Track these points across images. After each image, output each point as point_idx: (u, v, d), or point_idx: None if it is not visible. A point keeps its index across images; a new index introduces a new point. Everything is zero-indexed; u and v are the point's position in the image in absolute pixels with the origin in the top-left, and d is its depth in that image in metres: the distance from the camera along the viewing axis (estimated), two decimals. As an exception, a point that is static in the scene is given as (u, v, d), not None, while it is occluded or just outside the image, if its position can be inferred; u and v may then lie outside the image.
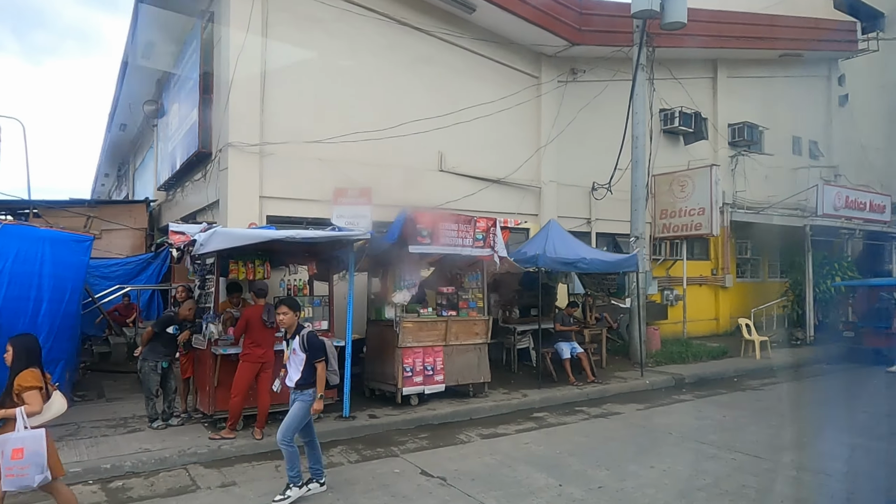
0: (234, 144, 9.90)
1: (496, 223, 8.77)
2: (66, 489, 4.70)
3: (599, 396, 9.85)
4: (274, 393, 7.37)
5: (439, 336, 8.86)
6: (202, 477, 6.03)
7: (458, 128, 12.03)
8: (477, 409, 8.62)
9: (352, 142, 10.74)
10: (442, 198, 11.89)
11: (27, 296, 7.75)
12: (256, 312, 6.92)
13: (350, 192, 8.09)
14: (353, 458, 6.68)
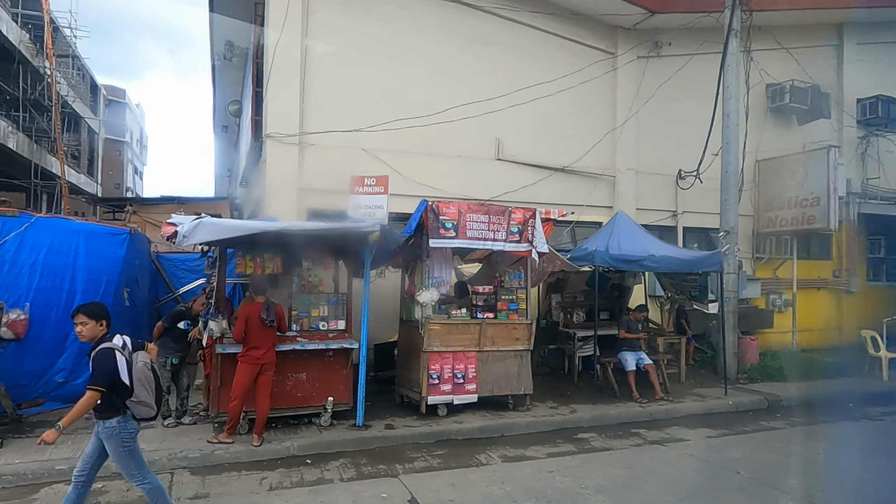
0: (273, 135, 9.62)
1: (535, 214, 7.69)
2: None
3: (665, 417, 8.41)
4: (275, 397, 6.98)
5: (472, 340, 7.95)
6: (180, 485, 5.64)
7: (518, 112, 10.99)
8: (511, 425, 7.62)
9: (398, 129, 10.11)
10: (498, 189, 10.96)
11: (60, 287, 7.88)
12: (255, 310, 6.45)
13: (367, 180, 7.42)
14: (348, 474, 6.00)
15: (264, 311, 6.42)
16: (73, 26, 32.57)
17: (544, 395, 9.10)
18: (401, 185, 10.16)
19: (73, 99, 32.13)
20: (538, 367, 10.96)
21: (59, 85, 29.00)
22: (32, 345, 7.61)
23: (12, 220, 7.50)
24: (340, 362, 7.38)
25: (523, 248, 7.60)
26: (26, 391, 7.63)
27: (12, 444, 6.36)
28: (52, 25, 28.21)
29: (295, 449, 6.54)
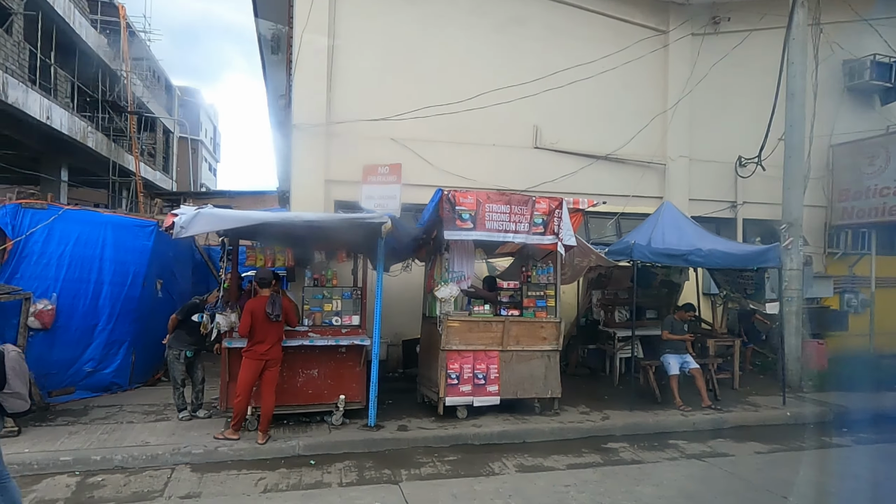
0: (299, 125, 9.44)
1: (562, 204, 7.09)
2: None
3: (711, 428, 7.62)
4: (286, 393, 6.77)
5: (494, 339, 7.46)
6: (177, 482, 5.49)
7: (557, 97, 10.35)
8: (534, 431, 7.09)
9: (428, 117, 9.71)
10: (535, 178, 10.38)
11: (87, 278, 8.01)
12: (260, 304, 6.23)
13: (380, 169, 7.06)
14: (349, 478, 5.68)
15: (269, 304, 6.20)
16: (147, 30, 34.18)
17: (578, 398, 8.50)
18: (431, 175, 9.80)
19: (147, 99, 33.74)
20: (577, 368, 10.35)
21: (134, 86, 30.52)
22: (61, 335, 7.77)
23: (41, 213, 7.64)
24: (353, 359, 7.09)
25: (548, 241, 7.03)
26: (56, 379, 7.81)
27: (30, 433, 6.44)
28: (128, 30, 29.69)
29: (300, 448, 6.30)
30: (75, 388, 8.00)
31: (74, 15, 23.52)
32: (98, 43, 26.64)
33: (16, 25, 19.97)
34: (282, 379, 6.83)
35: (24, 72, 19.85)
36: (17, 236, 7.35)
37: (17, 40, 19.71)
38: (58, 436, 6.38)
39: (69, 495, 5.18)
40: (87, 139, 24.33)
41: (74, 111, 23.84)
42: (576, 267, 8.96)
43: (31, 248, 7.56)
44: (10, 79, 17.90)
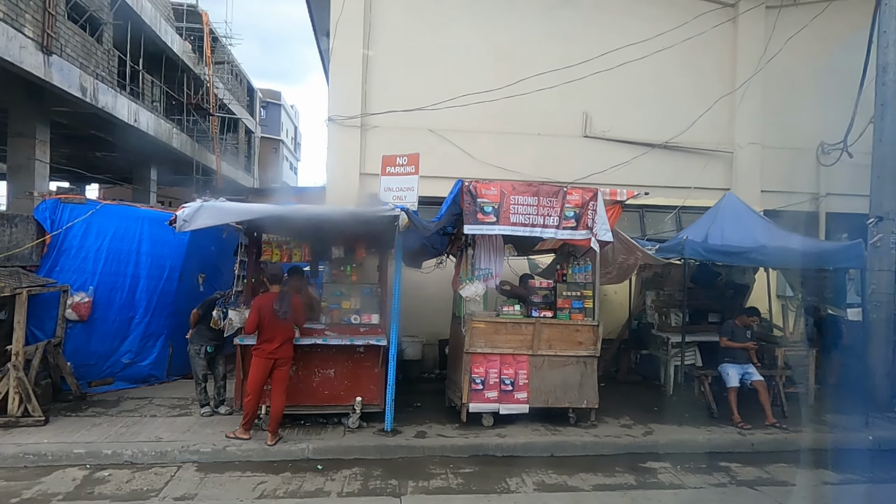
0: (333, 118, 9.24)
1: (597, 195, 6.41)
2: None
3: (772, 450, 6.69)
4: (301, 393, 6.55)
5: (524, 342, 6.90)
6: (178, 482, 5.36)
7: (609, 81, 9.58)
8: (564, 444, 6.47)
9: (467, 105, 9.25)
10: (584, 169, 9.68)
11: (124, 272, 8.15)
12: (268, 301, 6.00)
13: (398, 159, 6.67)
14: (351, 487, 5.34)
15: (277, 302, 5.97)
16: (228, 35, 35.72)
17: (623, 408, 7.78)
18: (471, 167, 9.35)
19: (229, 101, 35.28)
20: (628, 375, 9.55)
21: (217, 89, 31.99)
22: (98, 327, 7.95)
23: (79, 207, 7.84)
24: (372, 360, 6.76)
25: (580, 237, 6.38)
26: (94, 370, 8.01)
27: (57, 422, 6.56)
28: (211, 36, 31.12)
29: (310, 452, 6.04)
30: (114, 379, 8.17)
31: (160, 23, 24.80)
32: (183, 49, 28.03)
33: (105, 34, 21.28)
34: (297, 378, 6.62)
35: (114, 78, 21.15)
36: (57, 230, 7.55)
37: (106, 48, 20.98)
38: (80, 427, 6.46)
39: (71, 490, 5.15)
40: (171, 140, 25.67)
41: (161, 114, 25.24)
42: (622, 265, 8.21)
43: (71, 241, 7.77)
44: (101, 84, 19.08)
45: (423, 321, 9.47)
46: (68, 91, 16.73)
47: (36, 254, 7.46)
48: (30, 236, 7.21)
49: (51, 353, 7.26)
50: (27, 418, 6.39)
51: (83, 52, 18.61)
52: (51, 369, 7.36)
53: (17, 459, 5.65)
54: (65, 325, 7.59)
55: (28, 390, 6.43)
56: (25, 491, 5.07)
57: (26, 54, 14.50)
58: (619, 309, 9.89)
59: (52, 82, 15.85)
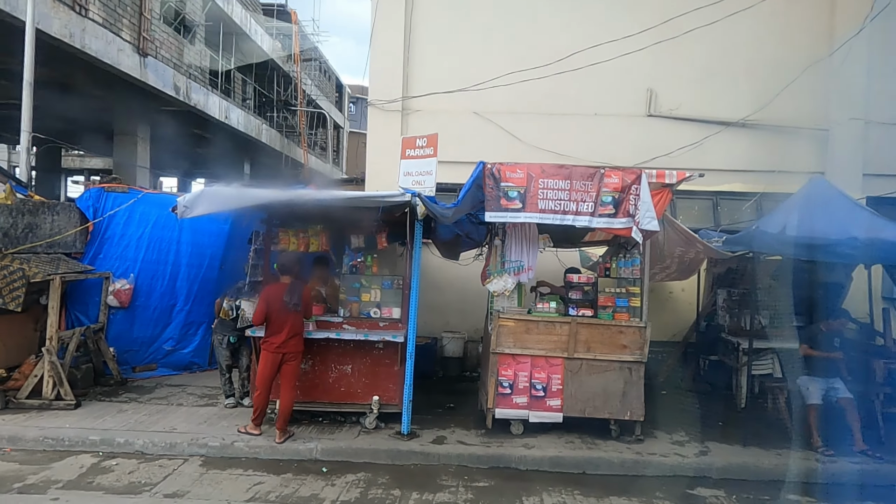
0: (374, 103, 8.88)
1: (640, 178, 5.55)
2: None
3: (859, 483, 5.55)
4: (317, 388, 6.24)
5: (558, 344, 6.18)
6: (177, 476, 5.20)
7: (677, 52, 8.58)
8: (598, 461, 5.71)
9: (514, 84, 8.56)
10: (647, 152, 8.73)
11: (165, 259, 8.25)
12: (278, 291, 5.70)
13: (418, 141, 6.13)
14: (349, 495, 4.94)
15: (287, 293, 5.65)
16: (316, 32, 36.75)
17: (680, 421, 6.85)
18: (519, 151, 8.68)
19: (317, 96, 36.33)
20: (694, 384, 8.48)
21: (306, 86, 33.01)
22: (140, 313, 8.09)
23: (122, 196, 7.99)
24: (391, 357, 6.31)
25: (619, 225, 5.55)
26: (139, 356, 8.17)
27: (88, 407, 6.67)
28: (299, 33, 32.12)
29: (318, 452, 5.70)
30: (157, 366, 8.30)
31: (250, 23, 25.83)
32: (272, 47, 29.08)
33: (198, 35, 22.37)
34: (313, 373, 6.33)
35: (206, 76, 22.22)
36: (99, 218, 7.72)
37: (198, 49, 22.08)
38: (107, 412, 6.52)
39: (73, 478, 5.11)
40: (261, 135, 26.72)
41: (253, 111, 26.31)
42: (681, 259, 7.22)
43: (114, 229, 7.94)
44: (193, 84, 20.08)
45: (466, 316, 8.94)
46: (163, 91, 17.67)
47: (80, 241, 7.66)
48: (72, 224, 7.40)
49: (90, 338, 7.44)
50: (59, 401, 6.53)
51: (176, 52, 19.60)
52: (92, 354, 7.55)
53: (37, 443, 5.73)
54: (107, 311, 7.77)
55: (61, 374, 6.57)
56: (31, 476, 5.09)
57: (123, 56, 15.36)
58: (686, 308, 8.83)
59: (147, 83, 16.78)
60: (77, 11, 12.71)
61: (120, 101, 17.66)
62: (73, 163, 38.41)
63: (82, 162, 38.23)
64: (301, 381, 6.29)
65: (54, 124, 20.41)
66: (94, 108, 17.60)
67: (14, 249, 6.50)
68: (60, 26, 12.01)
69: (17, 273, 6.19)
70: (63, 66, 12.59)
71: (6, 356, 6.77)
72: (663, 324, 8.89)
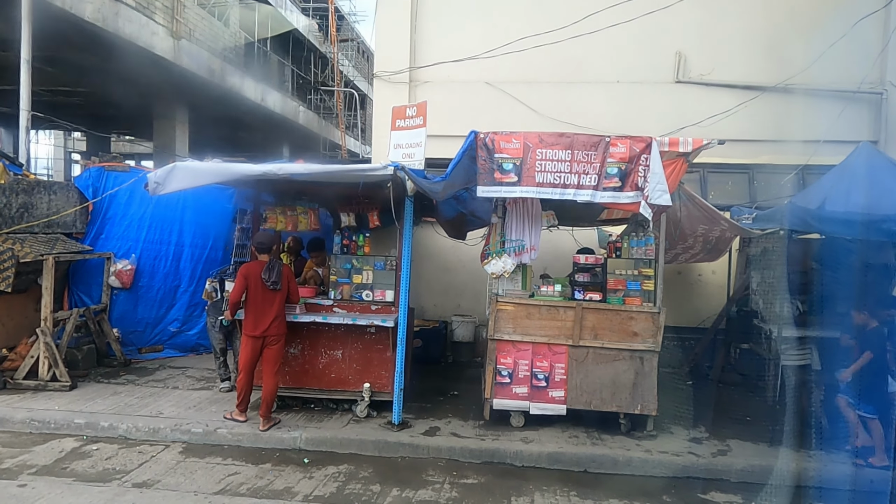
0: (380, 74, 8.43)
1: (650, 147, 4.94)
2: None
3: None
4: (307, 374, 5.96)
5: (562, 330, 5.68)
6: (154, 464, 5.00)
7: (709, 11, 7.80)
8: (602, 459, 5.22)
9: (527, 50, 7.95)
10: (677, 121, 8.04)
11: (168, 240, 8.11)
12: (256, 269, 5.39)
13: (408, 111, 5.65)
14: (325, 490, 4.62)
15: (266, 270, 5.34)
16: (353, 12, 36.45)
17: (702, 415, 6.26)
18: (535, 123, 8.12)
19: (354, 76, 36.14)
20: (723, 374, 7.81)
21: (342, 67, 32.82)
22: (144, 294, 7.99)
23: (123, 175, 7.85)
24: (384, 342, 5.95)
25: (626, 199, 4.96)
26: (144, 337, 8.10)
27: (84, 388, 6.59)
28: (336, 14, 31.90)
29: (302, 441, 5.42)
30: (164, 347, 8.22)
31: (286, 3, 25.69)
32: (308, 28, 28.93)
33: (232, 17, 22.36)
34: (303, 359, 6.05)
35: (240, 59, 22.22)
36: (98, 198, 7.60)
37: (233, 31, 22.08)
38: (100, 395, 6.42)
39: (49, 463, 4.98)
40: (298, 117, 26.73)
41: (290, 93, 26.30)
42: (706, 238, 6.55)
43: (115, 209, 7.83)
44: (228, 66, 20.11)
45: (479, 299, 8.49)
46: (197, 73, 17.70)
47: (81, 221, 7.58)
48: (71, 204, 7.30)
49: (91, 319, 7.37)
50: (54, 383, 6.47)
51: (210, 35, 19.61)
52: (94, 335, 7.49)
53: (24, 425, 5.65)
54: (109, 292, 7.69)
55: (56, 355, 6.49)
56: (8, 460, 4.98)
57: (157, 40, 15.38)
58: (716, 292, 8.15)
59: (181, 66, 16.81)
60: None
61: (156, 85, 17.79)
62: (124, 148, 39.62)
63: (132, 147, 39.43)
64: (291, 367, 6.04)
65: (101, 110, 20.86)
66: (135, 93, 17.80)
67: (8, 230, 6.41)
68: (93, 10, 12.00)
69: (7, 253, 6.10)
70: (101, 51, 12.67)
71: (6, 336, 6.75)
72: (692, 309, 8.26)
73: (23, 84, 7.27)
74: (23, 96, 7.28)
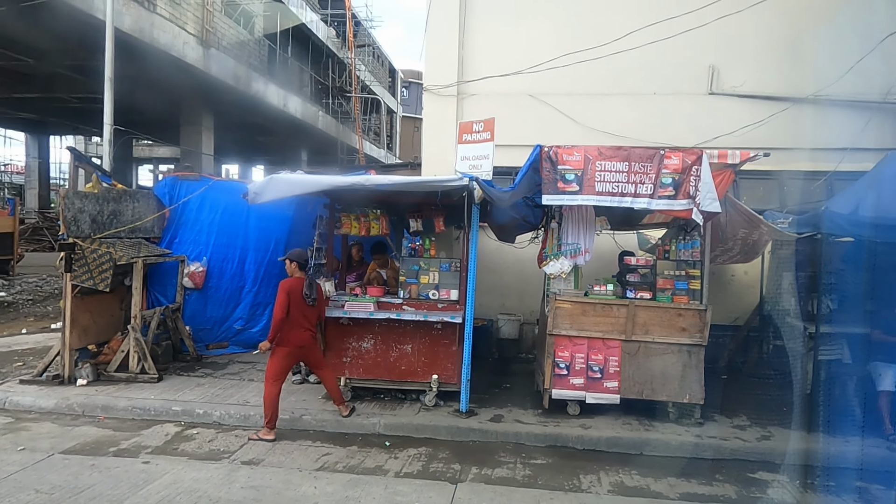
0: (429, 88, 8.99)
1: (701, 159, 5.45)
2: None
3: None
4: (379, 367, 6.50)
5: (615, 326, 6.20)
6: (252, 445, 5.56)
7: (741, 27, 8.24)
8: (656, 443, 5.73)
9: (569, 66, 8.45)
10: (708, 131, 8.49)
11: (234, 244, 8.70)
12: (298, 285, 5.68)
13: (475, 125, 6.20)
14: (411, 468, 5.17)
15: (307, 286, 5.70)
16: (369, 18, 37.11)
17: (741, 406, 6.78)
18: (575, 133, 8.61)
19: (371, 81, 36.78)
20: (756, 369, 8.29)
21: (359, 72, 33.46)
22: (212, 294, 8.58)
23: (194, 184, 8.45)
24: (449, 337, 6.49)
25: (679, 207, 5.49)
26: (211, 334, 8.68)
27: (169, 380, 7.18)
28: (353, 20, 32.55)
29: (381, 427, 5.97)
30: (228, 344, 8.80)
31: (306, 11, 26.37)
32: (327, 35, 29.60)
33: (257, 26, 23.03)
34: (375, 353, 6.59)
35: (264, 66, 22.91)
36: (173, 205, 8.21)
37: (258, 39, 22.76)
38: (186, 386, 7.01)
39: (161, 444, 5.56)
40: (317, 122, 27.39)
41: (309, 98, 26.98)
42: (745, 241, 7.05)
43: (188, 215, 8.43)
44: (253, 73, 20.80)
45: (522, 299, 9.03)
46: (224, 80, 18.38)
47: (158, 227, 8.18)
48: (151, 210, 7.90)
49: (169, 317, 7.96)
50: (143, 375, 7.06)
51: (237, 43, 20.30)
52: (171, 332, 8.09)
53: (127, 412, 6.24)
54: (183, 292, 8.28)
55: (144, 350, 7.09)
56: (124, 442, 5.57)
57: (188, 49, 16.06)
58: (749, 292, 8.61)
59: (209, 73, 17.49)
60: (146, 7, 13.38)
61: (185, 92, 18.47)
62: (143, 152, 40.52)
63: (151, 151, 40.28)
64: (364, 360, 6.58)
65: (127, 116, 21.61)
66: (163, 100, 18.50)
67: (101, 235, 7.01)
68: (132, 22, 12.68)
69: (105, 256, 6.70)
70: (136, 60, 13.30)
71: (97, 333, 7.35)
72: (725, 308, 8.70)
73: (106, 101, 7.89)
74: (106, 111, 7.90)
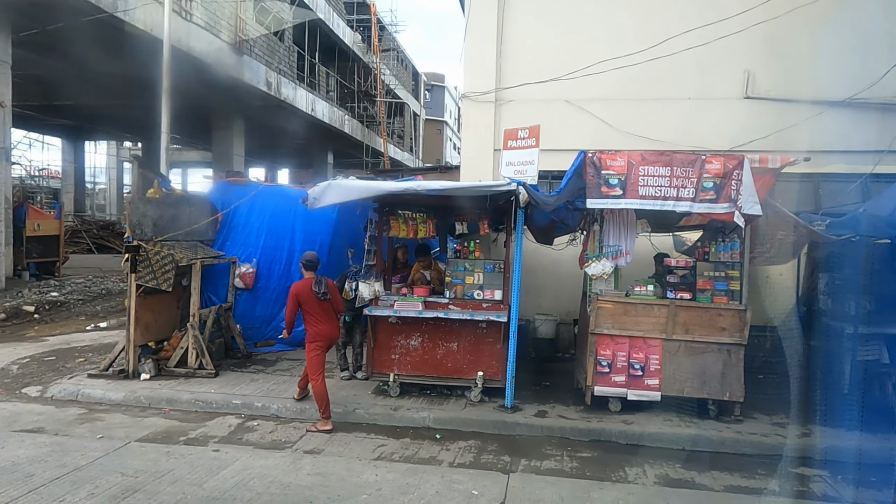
0: (469, 95, 9.27)
1: (742, 163, 5.64)
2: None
3: (975, 470, 5.47)
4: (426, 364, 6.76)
5: (656, 325, 6.40)
6: (311, 437, 5.87)
7: (777, 31, 8.36)
8: (697, 438, 5.93)
9: (605, 72, 8.66)
10: (743, 135, 8.60)
11: (282, 246, 9.06)
12: (305, 286, 6.07)
13: (520, 132, 6.46)
14: (464, 459, 5.45)
15: (315, 284, 6.03)
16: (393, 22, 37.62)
17: (779, 405, 6.90)
18: (612, 138, 8.82)
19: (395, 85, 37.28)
20: (792, 369, 8.39)
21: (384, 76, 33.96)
22: (261, 294, 8.96)
23: (244, 188, 8.85)
24: (494, 335, 6.76)
25: (721, 210, 5.68)
26: (259, 333, 9.06)
27: (225, 376, 7.56)
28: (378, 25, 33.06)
29: (430, 421, 6.26)
30: (275, 342, 9.16)
31: (333, 17, 26.91)
32: (353, 40, 30.13)
33: (287, 32, 23.59)
34: (423, 350, 6.88)
35: (294, 71, 23.47)
36: (225, 209, 8.61)
37: (287, 45, 23.32)
38: (242, 381, 7.37)
39: (226, 434, 5.92)
40: (343, 126, 27.92)
41: (335, 102, 27.54)
42: (782, 243, 7.19)
43: (238, 219, 8.82)
44: (283, 79, 21.35)
45: (558, 299, 9.25)
46: (256, 86, 18.92)
47: (211, 230, 8.58)
48: (205, 214, 8.30)
49: (222, 316, 8.36)
50: (201, 370, 7.45)
51: (268, 50, 20.86)
52: (223, 330, 8.48)
53: (190, 405, 6.62)
54: (234, 292, 8.68)
55: (202, 347, 7.49)
56: (192, 432, 5.94)
57: (222, 55, 16.62)
58: (784, 293, 8.70)
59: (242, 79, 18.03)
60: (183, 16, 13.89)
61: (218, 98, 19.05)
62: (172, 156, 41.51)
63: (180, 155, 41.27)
64: (412, 357, 6.89)
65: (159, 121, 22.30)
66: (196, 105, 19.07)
67: (162, 237, 7.41)
68: (170, 30, 13.19)
69: (168, 258, 7.10)
70: (172, 68, 13.86)
71: (157, 330, 7.76)
72: (760, 308, 8.80)
73: (163, 110, 8.33)
74: (163, 120, 8.35)
